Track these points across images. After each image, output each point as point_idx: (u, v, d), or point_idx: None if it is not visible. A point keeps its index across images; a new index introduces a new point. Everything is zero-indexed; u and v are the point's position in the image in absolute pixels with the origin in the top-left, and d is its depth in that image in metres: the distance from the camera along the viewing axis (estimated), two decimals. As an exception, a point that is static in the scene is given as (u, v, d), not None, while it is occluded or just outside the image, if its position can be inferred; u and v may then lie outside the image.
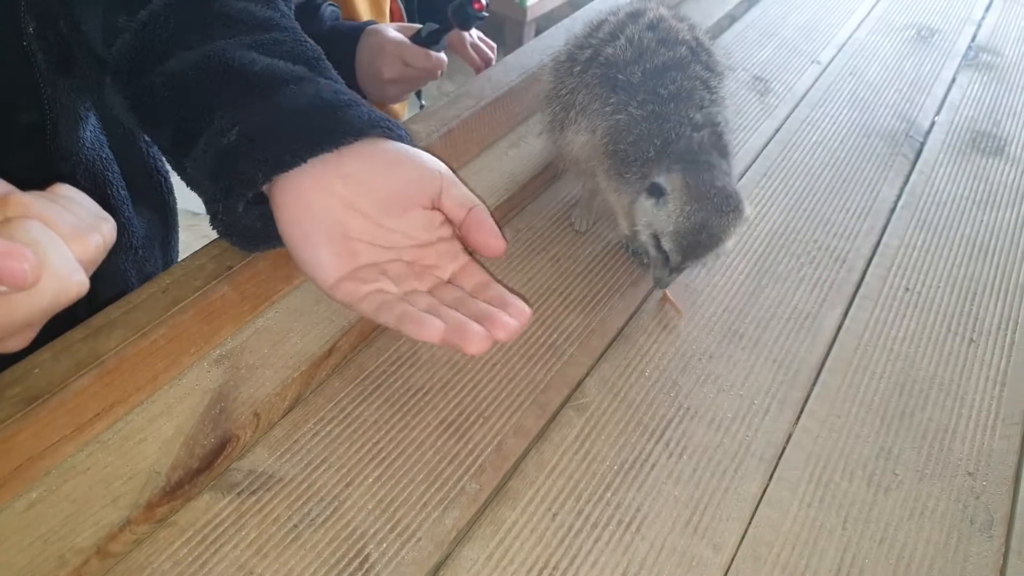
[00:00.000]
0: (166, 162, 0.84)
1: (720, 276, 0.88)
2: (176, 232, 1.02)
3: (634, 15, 0.86)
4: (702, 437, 0.71)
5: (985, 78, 1.33)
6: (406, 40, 1.08)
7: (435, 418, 0.69)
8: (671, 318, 0.82)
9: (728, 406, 0.74)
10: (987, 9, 1.58)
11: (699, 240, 0.74)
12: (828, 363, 0.79)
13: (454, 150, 0.95)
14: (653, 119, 0.78)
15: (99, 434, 0.62)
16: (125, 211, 0.88)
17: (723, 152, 0.78)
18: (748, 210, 0.76)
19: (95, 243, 0.48)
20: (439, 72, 1.10)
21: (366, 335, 0.76)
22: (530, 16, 3.31)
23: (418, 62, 1.07)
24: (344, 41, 1.11)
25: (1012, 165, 1.12)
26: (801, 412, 0.74)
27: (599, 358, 0.77)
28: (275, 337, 0.72)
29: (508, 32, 3.40)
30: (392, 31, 1.10)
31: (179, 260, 0.81)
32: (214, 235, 0.70)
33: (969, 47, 1.43)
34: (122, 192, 0.87)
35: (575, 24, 0.93)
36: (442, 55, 1.10)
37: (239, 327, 0.73)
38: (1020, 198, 1.05)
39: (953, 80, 1.32)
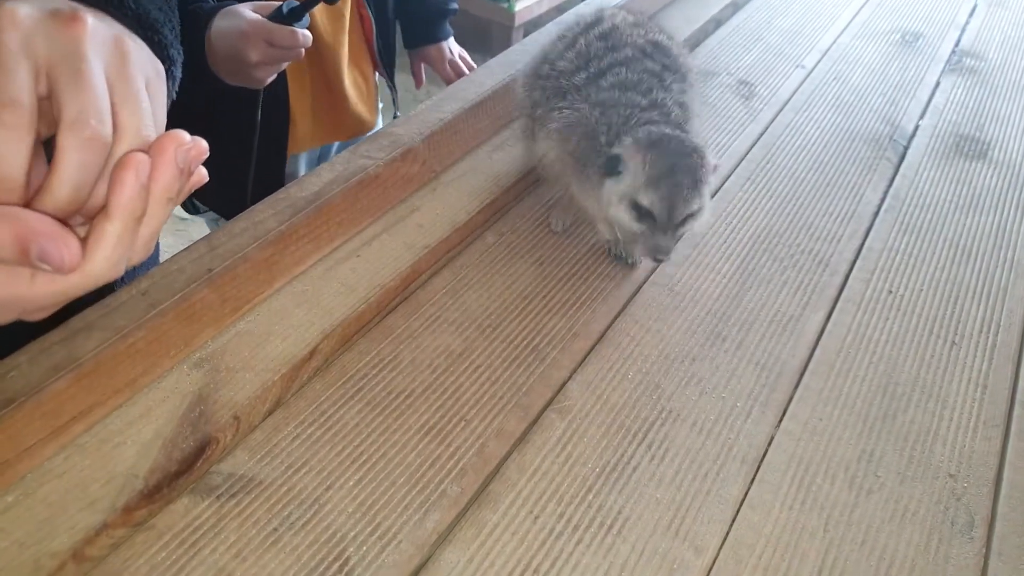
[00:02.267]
0: None
1: (703, 279, 0.88)
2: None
3: (590, 25, 0.88)
4: (684, 440, 0.71)
5: (969, 82, 1.34)
6: (266, 20, 1.03)
7: (416, 421, 0.69)
8: (653, 321, 0.82)
9: (711, 409, 0.74)
10: (971, 14, 1.60)
11: (677, 181, 0.72)
12: (811, 366, 0.79)
13: (438, 153, 0.95)
14: (597, 108, 0.79)
15: (76, 437, 0.62)
16: None
17: (676, 127, 0.78)
18: (712, 159, 0.76)
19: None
20: (303, 51, 1.07)
21: (348, 338, 0.76)
22: (518, 21, 3.31)
23: (285, 41, 1.03)
24: (194, 25, 1.04)
25: (995, 169, 1.12)
26: (783, 415, 0.74)
27: (582, 361, 0.77)
28: (256, 340, 0.72)
29: (496, 37, 3.40)
30: (249, 12, 1.05)
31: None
32: (198, 238, 0.70)
33: (953, 51, 1.44)
34: None
35: (556, 29, 0.94)
36: (307, 32, 1.06)
37: (219, 330, 0.72)
38: (1002, 202, 1.06)
39: (937, 84, 1.33)
